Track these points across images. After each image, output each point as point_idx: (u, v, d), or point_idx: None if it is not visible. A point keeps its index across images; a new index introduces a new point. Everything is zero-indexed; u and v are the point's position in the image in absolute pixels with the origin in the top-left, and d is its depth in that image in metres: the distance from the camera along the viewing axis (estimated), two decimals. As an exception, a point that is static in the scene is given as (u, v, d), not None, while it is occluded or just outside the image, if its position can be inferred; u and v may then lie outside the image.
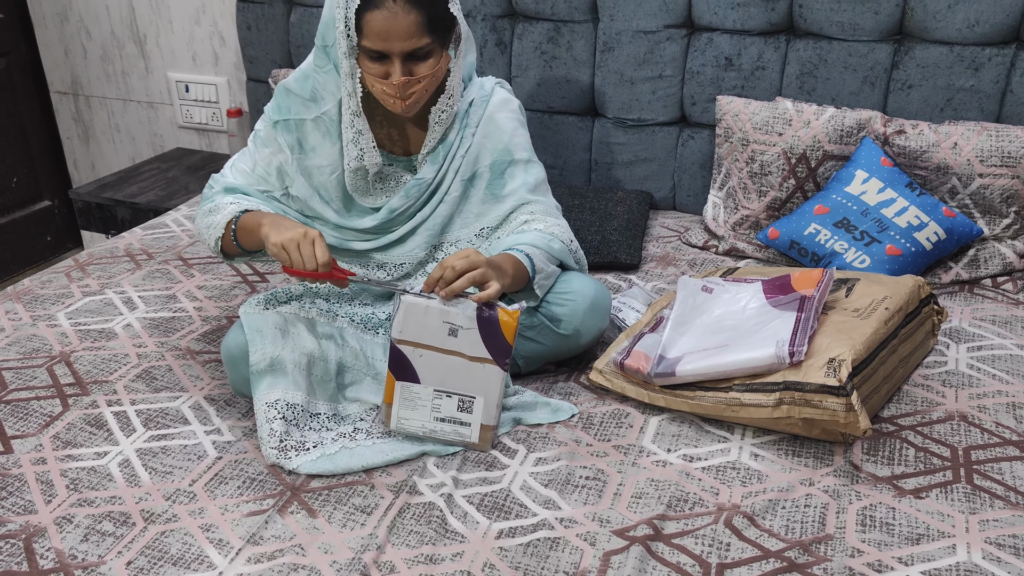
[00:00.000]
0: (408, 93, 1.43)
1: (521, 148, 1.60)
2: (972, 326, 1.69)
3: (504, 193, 1.59)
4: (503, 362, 1.34)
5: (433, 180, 1.56)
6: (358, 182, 1.55)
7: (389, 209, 1.56)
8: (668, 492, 1.29)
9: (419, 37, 1.39)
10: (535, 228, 1.56)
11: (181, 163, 2.86)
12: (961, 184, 1.85)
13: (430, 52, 1.42)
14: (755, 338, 1.40)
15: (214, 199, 1.56)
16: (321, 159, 1.55)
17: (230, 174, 1.58)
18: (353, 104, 1.48)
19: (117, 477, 1.34)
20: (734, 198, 2.04)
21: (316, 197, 1.57)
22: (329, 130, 1.53)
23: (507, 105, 1.60)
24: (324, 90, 1.51)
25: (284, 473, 1.34)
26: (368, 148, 1.51)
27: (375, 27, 1.38)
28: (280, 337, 1.41)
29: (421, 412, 1.38)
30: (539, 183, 1.62)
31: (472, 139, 1.56)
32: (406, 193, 1.55)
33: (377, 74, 1.43)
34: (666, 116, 2.18)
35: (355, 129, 1.49)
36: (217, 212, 1.53)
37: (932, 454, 1.35)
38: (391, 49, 1.39)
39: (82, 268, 1.99)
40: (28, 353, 1.65)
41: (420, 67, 1.42)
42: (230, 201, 1.53)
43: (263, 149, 1.56)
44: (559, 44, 2.20)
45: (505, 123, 1.59)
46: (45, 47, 3.08)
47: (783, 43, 2.04)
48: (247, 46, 2.58)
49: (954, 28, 1.89)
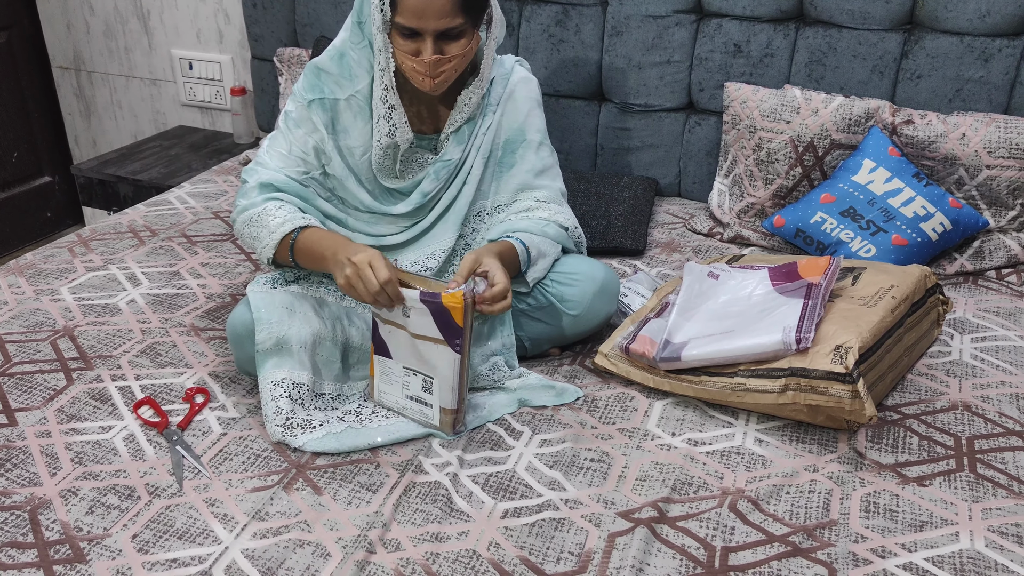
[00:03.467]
0: (438, 72, 1.43)
1: (535, 129, 1.60)
2: (976, 317, 1.69)
3: (512, 172, 1.59)
4: (455, 344, 1.31)
5: (459, 160, 1.56)
6: (385, 161, 1.54)
7: (422, 193, 1.55)
8: (673, 476, 1.29)
9: (453, 17, 1.38)
10: (539, 216, 1.56)
11: (184, 141, 2.85)
12: (968, 175, 1.85)
13: (462, 32, 1.42)
14: (761, 324, 1.41)
15: (253, 201, 1.50)
16: (353, 140, 1.53)
17: (267, 159, 1.54)
18: (387, 79, 1.47)
19: (122, 451, 1.34)
20: (740, 185, 2.04)
21: (352, 178, 1.55)
22: (362, 108, 1.52)
23: (527, 84, 1.60)
24: (358, 67, 1.50)
25: (289, 451, 1.34)
26: (400, 123, 1.50)
27: (410, 4, 1.37)
28: (287, 316, 1.41)
29: (395, 388, 1.40)
30: (547, 168, 1.62)
31: (494, 117, 1.57)
32: (435, 175, 1.55)
33: (408, 51, 1.42)
34: (673, 102, 2.17)
35: (388, 104, 1.48)
36: (261, 225, 1.47)
37: (936, 443, 1.35)
38: (424, 27, 1.39)
39: (85, 244, 1.98)
40: (32, 327, 1.65)
41: (451, 47, 1.42)
42: (276, 216, 1.47)
43: (297, 130, 1.53)
44: (567, 27, 2.19)
45: (523, 103, 1.59)
46: (47, 21, 3.06)
47: (792, 30, 2.03)
48: (252, 24, 2.56)
49: (964, 18, 1.88)
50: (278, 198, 1.50)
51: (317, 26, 2.44)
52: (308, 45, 2.48)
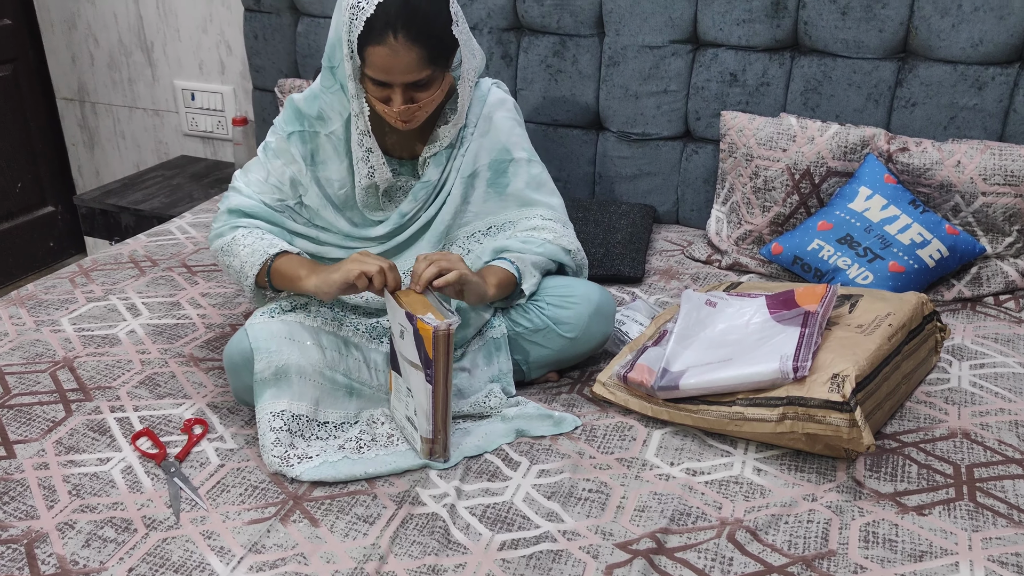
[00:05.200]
0: (410, 116, 1.46)
1: (520, 147, 1.62)
2: (975, 344, 1.69)
3: (508, 191, 1.61)
4: (427, 372, 1.30)
5: (438, 181, 1.57)
6: (368, 199, 1.57)
7: (400, 214, 1.58)
8: (671, 506, 1.28)
9: (420, 70, 1.40)
10: (542, 237, 1.58)
11: (185, 171, 2.87)
12: (964, 202, 1.86)
13: (431, 80, 1.44)
14: (759, 353, 1.41)
15: (221, 230, 1.56)
16: (331, 172, 1.56)
17: (243, 185, 1.59)
18: (361, 124, 1.49)
19: (119, 483, 1.34)
20: (737, 213, 2.05)
21: (329, 207, 1.58)
22: (337, 148, 1.55)
23: (503, 105, 1.62)
24: (331, 110, 1.53)
25: (286, 482, 1.34)
26: (378, 165, 1.52)
27: (376, 61, 1.39)
28: (286, 346, 1.41)
29: (400, 406, 1.40)
30: (542, 182, 1.65)
31: (471, 139, 1.58)
32: (414, 196, 1.57)
33: (379, 97, 1.45)
34: (670, 131, 2.19)
35: (364, 148, 1.51)
36: (233, 255, 1.52)
37: (935, 471, 1.35)
38: (392, 81, 1.41)
39: (86, 274, 1.99)
40: (32, 358, 1.65)
41: (421, 94, 1.44)
42: (245, 246, 1.51)
43: (275, 160, 1.57)
44: (564, 58, 2.22)
45: (502, 122, 1.60)
46: (52, 53, 3.09)
47: (788, 59, 2.05)
48: (254, 55, 2.59)
49: (958, 47, 1.90)
50: (243, 225, 1.54)
51: (317, 57, 2.47)
52: (309, 76, 2.50)
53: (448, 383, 1.32)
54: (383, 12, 1.36)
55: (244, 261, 1.51)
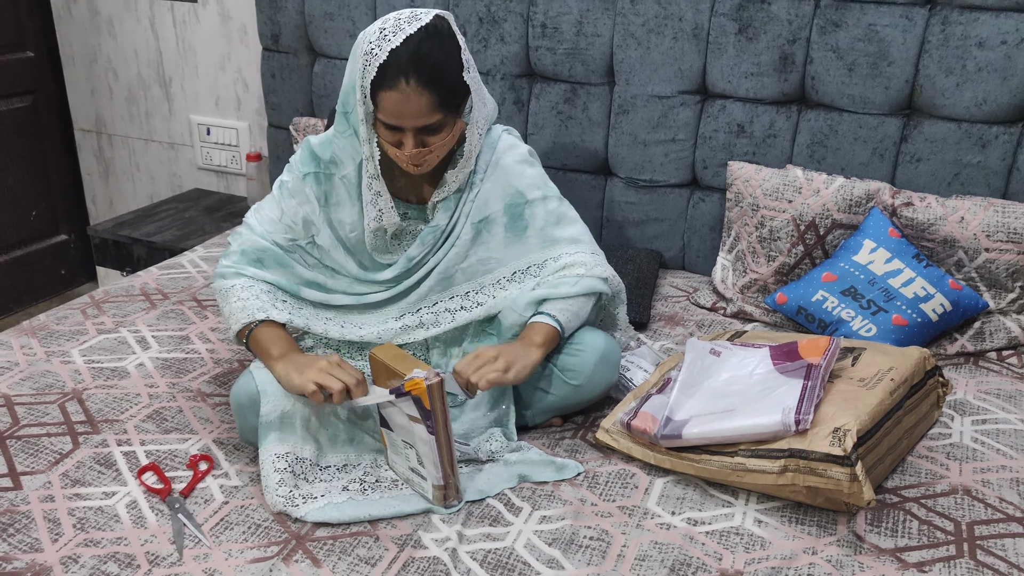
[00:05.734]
0: (421, 160, 1.49)
1: (533, 187, 1.63)
2: (977, 399, 1.70)
3: (528, 234, 1.62)
4: (428, 424, 1.32)
5: (447, 226, 1.60)
6: (377, 242, 1.60)
7: (408, 258, 1.60)
8: (672, 556, 1.29)
9: (431, 115, 1.43)
10: (575, 272, 1.58)
11: (199, 204, 2.91)
12: (967, 257, 1.88)
13: (442, 125, 1.47)
14: (761, 404, 1.42)
15: (225, 272, 1.57)
16: (344, 214, 1.59)
17: (255, 222, 1.61)
18: (371, 168, 1.52)
19: (124, 518, 1.34)
20: (743, 261, 2.07)
21: (340, 249, 1.60)
22: (350, 191, 1.58)
23: (513, 150, 1.64)
24: (343, 154, 1.56)
25: (289, 521, 1.35)
26: (387, 208, 1.55)
27: (388, 106, 1.43)
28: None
29: (400, 459, 1.42)
30: (561, 215, 1.65)
31: (481, 184, 1.61)
32: (422, 241, 1.59)
33: (391, 141, 1.48)
34: (678, 178, 2.22)
35: (374, 191, 1.54)
36: (226, 302, 1.54)
37: (936, 527, 1.35)
38: (404, 125, 1.44)
39: (98, 306, 2.02)
40: (41, 389, 1.67)
41: (433, 139, 1.47)
42: (240, 298, 1.53)
43: (290, 200, 1.60)
44: (575, 105, 2.26)
45: (512, 167, 1.62)
46: (72, 86, 3.16)
47: (795, 113, 2.08)
48: (270, 93, 2.64)
49: (962, 106, 1.93)
50: (247, 275, 1.56)
51: (333, 97, 2.51)
52: (323, 115, 2.55)
53: (448, 427, 1.34)
54: (395, 59, 1.40)
55: (231, 315, 1.53)
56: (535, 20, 2.23)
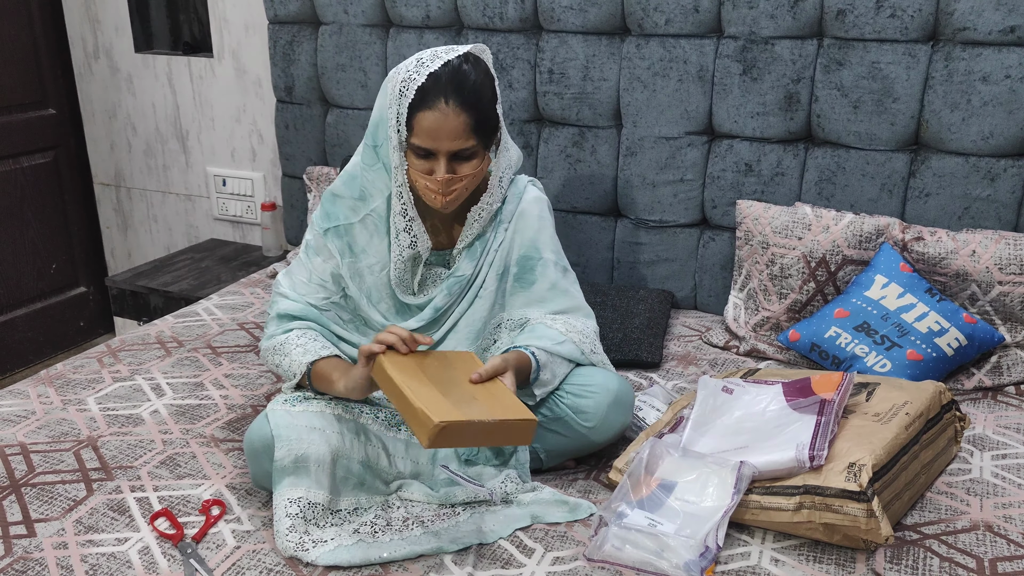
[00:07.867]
0: (450, 190, 1.50)
1: (550, 249, 1.65)
2: (996, 434, 1.67)
3: (534, 288, 1.63)
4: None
5: (471, 275, 1.61)
6: (404, 276, 1.60)
7: (434, 308, 1.61)
8: (687, 596, 1.27)
9: (466, 138, 1.46)
10: (556, 328, 1.59)
11: (214, 254, 2.95)
12: (981, 291, 1.87)
13: (474, 153, 1.50)
14: (775, 441, 1.41)
15: (274, 333, 1.58)
16: (371, 258, 1.60)
17: (288, 289, 1.61)
18: (405, 194, 1.54)
19: (136, 564, 1.34)
20: (755, 299, 2.07)
21: (364, 300, 1.62)
22: (377, 227, 1.59)
23: (539, 203, 1.66)
24: (372, 187, 1.58)
25: (301, 566, 1.34)
26: (420, 234, 1.56)
27: (425, 126, 1.45)
28: (306, 434, 1.43)
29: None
30: (564, 290, 1.65)
31: (505, 234, 1.62)
32: (448, 290, 1.60)
33: (422, 170, 1.50)
34: (687, 218, 2.23)
35: (407, 218, 1.55)
36: (284, 354, 1.54)
37: (957, 564, 1.32)
38: (438, 147, 1.47)
39: (114, 354, 2.04)
40: (57, 437, 1.68)
41: (463, 166, 1.50)
42: (296, 345, 1.53)
43: (315, 258, 1.62)
44: (583, 148, 2.28)
45: (535, 220, 1.64)
46: (92, 141, 3.23)
47: (802, 151, 2.10)
48: (284, 144, 2.69)
49: (969, 140, 1.94)
50: (296, 327, 1.57)
51: (346, 147, 2.56)
52: (336, 164, 2.59)
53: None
54: (435, 81, 1.44)
55: (293, 362, 1.52)
56: (542, 66, 2.27)
